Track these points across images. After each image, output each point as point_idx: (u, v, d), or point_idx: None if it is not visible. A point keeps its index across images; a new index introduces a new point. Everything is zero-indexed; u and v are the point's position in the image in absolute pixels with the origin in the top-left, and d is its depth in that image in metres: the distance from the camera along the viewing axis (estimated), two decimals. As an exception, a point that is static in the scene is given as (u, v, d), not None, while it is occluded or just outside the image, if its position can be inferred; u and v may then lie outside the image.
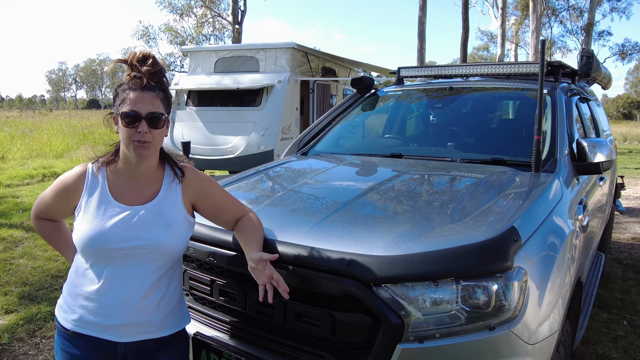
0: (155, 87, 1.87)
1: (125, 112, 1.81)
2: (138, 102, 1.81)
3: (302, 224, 2.19)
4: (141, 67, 1.86)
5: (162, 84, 1.90)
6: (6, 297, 4.80)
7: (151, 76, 1.86)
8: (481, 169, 2.96)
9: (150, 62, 1.87)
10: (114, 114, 1.89)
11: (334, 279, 1.85)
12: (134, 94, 1.82)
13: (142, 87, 1.83)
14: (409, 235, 1.98)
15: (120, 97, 1.85)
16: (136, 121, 1.81)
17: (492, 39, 48.02)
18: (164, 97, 1.89)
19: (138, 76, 1.85)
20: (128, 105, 1.81)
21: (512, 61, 5.60)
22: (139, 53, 1.89)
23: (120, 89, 1.88)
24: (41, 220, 2.13)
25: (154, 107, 1.84)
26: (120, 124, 1.83)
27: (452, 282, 1.82)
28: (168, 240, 1.89)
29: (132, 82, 1.85)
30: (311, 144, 3.93)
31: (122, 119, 1.82)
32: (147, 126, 1.82)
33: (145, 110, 1.82)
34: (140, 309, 1.87)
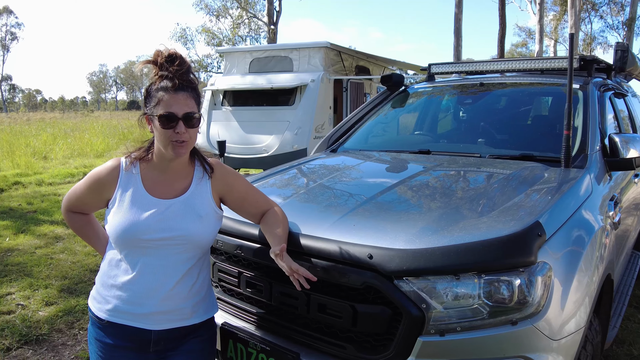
0: (187, 87, 1.92)
1: (162, 114, 1.87)
2: (173, 103, 1.87)
3: (326, 217, 2.23)
4: (169, 66, 1.91)
5: (192, 83, 1.96)
6: (47, 290, 4.99)
7: (181, 76, 1.91)
8: (510, 164, 2.94)
9: (178, 62, 1.92)
10: (147, 114, 1.95)
11: (355, 271, 1.89)
12: (168, 96, 1.88)
13: (175, 88, 1.89)
14: (432, 229, 1.99)
15: (154, 99, 1.91)
16: (173, 122, 1.87)
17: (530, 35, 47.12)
18: (195, 95, 1.95)
19: (168, 76, 1.90)
20: (164, 107, 1.87)
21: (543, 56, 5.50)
22: (164, 51, 1.95)
23: (152, 89, 1.94)
24: (72, 214, 2.21)
25: (189, 107, 1.90)
26: (157, 125, 1.89)
27: (474, 276, 1.83)
28: (199, 232, 1.96)
29: (163, 82, 1.91)
30: (340, 141, 3.97)
31: (159, 121, 1.88)
32: (184, 126, 1.88)
33: (182, 112, 1.88)
34: (172, 296, 1.95)
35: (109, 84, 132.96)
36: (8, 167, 13.39)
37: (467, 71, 4.11)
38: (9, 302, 4.69)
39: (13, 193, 10.48)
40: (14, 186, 11.13)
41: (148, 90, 1.96)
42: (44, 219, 7.96)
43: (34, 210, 8.72)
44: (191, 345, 2.05)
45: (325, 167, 3.33)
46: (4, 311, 4.48)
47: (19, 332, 4.07)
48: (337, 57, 11.17)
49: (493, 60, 4.07)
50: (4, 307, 4.55)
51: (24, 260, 5.87)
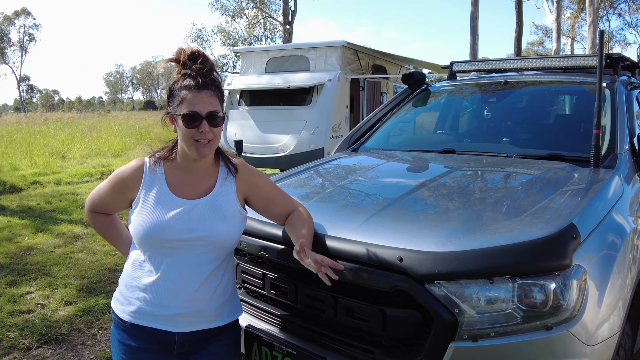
0: (210, 85, 1.89)
1: (185, 113, 1.84)
2: (197, 102, 1.84)
3: (352, 219, 2.18)
4: (192, 65, 1.88)
5: (215, 81, 1.93)
6: (66, 289, 5.00)
7: (204, 74, 1.88)
8: (538, 164, 2.87)
9: (201, 60, 1.89)
10: (170, 113, 1.93)
11: (384, 274, 1.84)
12: (191, 95, 1.85)
13: (199, 86, 1.86)
14: (463, 232, 1.94)
15: (177, 98, 1.88)
16: (197, 121, 1.84)
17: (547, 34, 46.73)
18: (218, 94, 1.92)
19: (192, 75, 1.87)
20: (187, 106, 1.84)
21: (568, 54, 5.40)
22: (187, 49, 1.92)
23: (175, 88, 1.91)
24: (96, 214, 2.19)
25: (213, 106, 1.87)
26: (181, 125, 1.86)
27: (508, 280, 1.77)
28: (223, 232, 1.92)
29: (186, 81, 1.88)
30: (361, 141, 3.92)
31: (182, 120, 1.85)
32: (208, 125, 1.85)
33: (205, 110, 1.85)
34: (196, 298, 1.92)
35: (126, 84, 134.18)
36: (27, 166, 13.51)
37: (490, 69, 4.03)
38: (29, 302, 4.71)
39: (32, 192, 10.58)
40: (33, 185, 11.23)
41: (171, 89, 1.93)
42: (62, 218, 8.01)
43: (52, 209, 8.78)
44: (215, 348, 2.02)
45: (348, 167, 3.28)
46: (23, 310, 4.50)
47: (39, 331, 4.08)
48: (354, 56, 11.12)
49: (517, 58, 3.99)
50: (23, 306, 4.57)
51: (43, 260, 5.90)
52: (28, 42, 71.39)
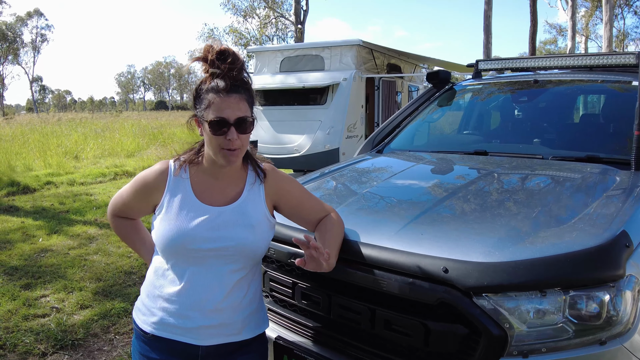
0: (240, 88, 1.78)
1: (212, 119, 1.73)
2: (225, 107, 1.73)
3: (388, 225, 2.05)
4: (221, 64, 1.76)
5: (245, 83, 1.81)
6: (81, 292, 4.93)
7: (233, 75, 1.76)
8: (576, 167, 2.74)
9: (231, 59, 1.77)
10: (197, 116, 1.81)
11: (428, 286, 1.71)
12: (219, 99, 1.73)
13: (227, 90, 1.74)
14: (510, 240, 1.81)
15: (204, 101, 1.77)
16: (224, 127, 1.73)
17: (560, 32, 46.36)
18: (248, 97, 1.80)
19: (220, 75, 1.75)
20: (214, 112, 1.73)
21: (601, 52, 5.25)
22: (215, 47, 1.79)
23: (202, 89, 1.79)
24: (118, 219, 2.10)
25: (242, 112, 1.75)
26: (207, 130, 1.76)
27: (560, 292, 1.65)
28: (251, 241, 1.82)
29: (214, 82, 1.76)
30: (386, 142, 3.79)
31: (209, 127, 1.74)
32: (236, 132, 1.74)
33: (234, 117, 1.73)
34: (222, 310, 1.81)
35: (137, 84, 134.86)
36: (40, 166, 13.51)
37: (518, 67, 3.89)
38: (44, 305, 4.65)
39: (45, 193, 10.56)
40: (46, 186, 11.22)
41: (197, 90, 1.81)
42: (76, 219, 7.96)
43: (66, 210, 8.74)
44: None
45: (376, 169, 3.15)
46: (38, 314, 4.44)
47: (54, 336, 4.01)
48: (369, 55, 10.99)
49: (545, 57, 3.84)
50: (38, 310, 4.51)
51: (58, 262, 5.85)
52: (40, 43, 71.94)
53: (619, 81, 3.44)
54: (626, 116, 2.92)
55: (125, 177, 13.08)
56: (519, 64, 3.93)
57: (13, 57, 69.11)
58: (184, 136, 20.00)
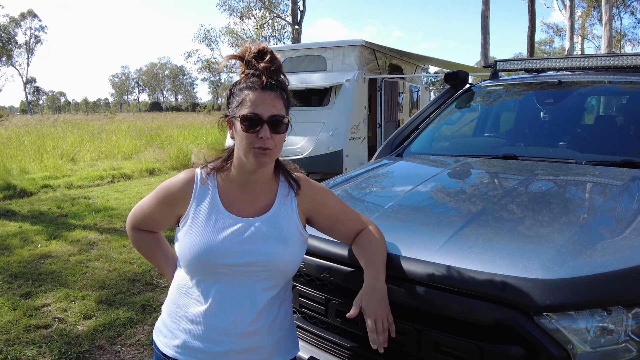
0: (277, 87, 1.66)
1: (245, 115, 1.61)
2: (259, 103, 1.61)
3: (431, 237, 1.92)
4: (258, 63, 1.65)
5: (282, 83, 1.70)
6: (84, 301, 4.77)
7: (270, 74, 1.65)
8: (614, 172, 2.61)
9: (268, 58, 1.66)
10: (229, 116, 1.70)
11: (483, 305, 1.57)
12: (253, 95, 1.62)
13: (263, 86, 1.63)
14: (567, 254, 1.68)
15: (238, 98, 1.66)
16: (257, 125, 1.61)
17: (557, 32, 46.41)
18: (284, 97, 1.69)
19: (256, 74, 1.64)
20: (248, 108, 1.62)
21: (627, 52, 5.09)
22: (254, 47, 1.68)
23: (236, 88, 1.68)
24: (139, 232, 1.95)
25: (277, 109, 1.64)
26: (239, 129, 1.63)
27: (622, 310, 1.53)
28: (283, 257, 1.68)
29: (249, 80, 1.65)
30: (405, 145, 3.64)
31: (241, 123, 1.62)
32: (269, 131, 1.62)
33: (268, 113, 1.62)
34: (252, 332, 1.66)
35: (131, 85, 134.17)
36: (37, 169, 13.32)
37: (541, 68, 3.76)
38: (46, 315, 4.49)
39: (42, 196, 10.38)
40: (43, 189, 11.04)
41: (231, 90, 1.70)
42: (75, 224, 7.79)
43: (64, 214, 8.57)
44: None
45: (401, 175, 3.01)
46: (40, 325, 4.28)
47: (58, 349, 3.85)
48: (372, 56, 10.86)
49: (567, 57, 3.72)
50: (40, 321, 4.34)
51: (58, 269, 5.69)
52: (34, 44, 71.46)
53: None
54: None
55: (124, 179, 12.91)
56: (539, 64, 3.80)
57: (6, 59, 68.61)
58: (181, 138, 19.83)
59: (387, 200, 2.42)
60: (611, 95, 3.48)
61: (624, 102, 3.45)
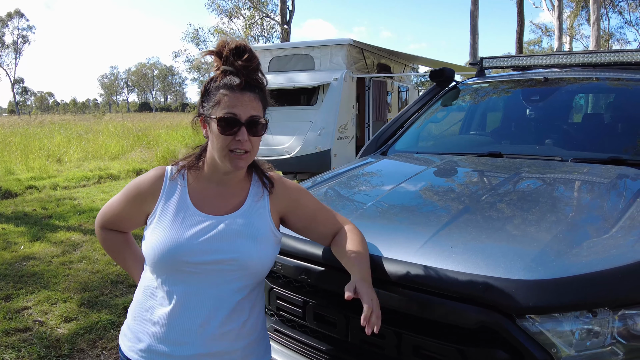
0: (254, 87, 1.60)
1: (222, 116, 1.54)
2: (237, 104, 1.55)
3: (412, 237, 1.85)
4: (235, 61, 1.58)
5: (260, 83, 1.63)
6: (65, 304, 4.67)
7: (249, 73, 1.58)
8: (602, 170, 2.56)
9: (247, 57, 1.58)
10: (203, 115, 1.62)
11: (464, 307, 1.51)
12: (231, 95, 1.55)
13: (242, 87, 1.56)
14: (552, 253, 1.62)
15: (214, 98, 1.58)
16: (235, 127, 1.54)
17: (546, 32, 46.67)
18: (262, 98, 1.62)
19: (233, 72, 1.57)
20: (225, 109, 1.55)
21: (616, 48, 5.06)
22: (231, 43, 1.60)
23: (212, 86, 1.60)
24: (107, 231, 1.87)
25: (255, 111, 1.57)
26: (215, 130, 1.56)
27: (609, 311, 1.47)
28: (254, 256, 1.60)
29: (226, 79, 1.58)
30: (389, 143, 3.59)
31: (217, 125, 1.55)
32: (247, 134, 1.55)
33: (246, 115, 1.55)
34: (221, 336, 1.59)
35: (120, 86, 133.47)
36: (22, 170, 13.15)
37: (527, 65, 3.71)
38: (26, 318, 4.38)
39: (27, 197, 10.23)
40: (28, 190, 10.88)
41: (206, 88, 1.62)
42: (59, 225, 7.67)
43: (49, 215, 8.44)
44: None
45: (384, 173, 2.95)
46: (20, 328, 4.17)
47: (37, 352, 3.75)
48: (360, 55, 10.80)
49: (555, 54, 3.68)
50: (20, 324, 4.24)
51: (41, 270, 5.58)
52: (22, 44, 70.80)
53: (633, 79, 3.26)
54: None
55: (110, 180, 12.77)
56: (526, 61, 3.76)
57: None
58: (169, 138, 19.70)
59: (368, 199, 2.36)
60: (598, 92, 3.44)
61: (611, 99, 3.41)
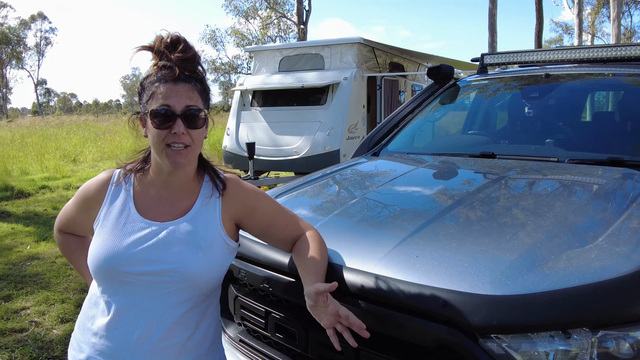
0: (191, 78, 1.50)
1: (155, 109, 1.44)
2: (171, 96, 1.45)
3: (378, 244, 1.70)
4: (170, 54, 1.49)
5: (197, 74, 1.53)
6: (63, 305, 4.66)
7: (184, 64, 1.48)
8: (599, 171, 2.39)
9: (182, 47, 1.50)
10: (140, 113, 1.53)
11: (423, 324, 1.37)
12: (164, 87, 1.46)
13: (175, 78, 1.46)
14: (526, 265, 1.46)
15: (148, 92, 1.49)
16: (170, 120, 1.44)
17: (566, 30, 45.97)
18: (201, 90, 1.52)
19: (168, 65, 1.48)
20: (159, 101, 1.45)
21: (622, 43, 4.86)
22: (166, 37, 1.52)
23: (146, 82, 1.51)
24: (63, 235, 1.81)
25: (191, 101, 1.47)
26: (150, 125, 1.47)
27: (587, 332, 1.32)
28: (197, 266, 1.48)
29: (160, 72, 1.48)
30: (383, 143, 3.44)
31: (151, 119, 1.45)
32: (184, 126, 1.45)
33: (181, 106, 1.45)
34: (160, 350, 1.48)
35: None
36: (37, 170, 13.28)
37: (527, 61, 3.54)
38: (23, 319, 4.37)
39: (39, 197, 10.30)
40: (41, 190, 10.97)
41: (142, 84, 1.53)
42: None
43: (58, 215, 8.45)
44: None
45: (368, 175, 2.81)
46: (16, 329, 4.17)
47: (30, 354, 3.74)
48: (371, 54, 10.64)
49: (559, 49, 3.49)
50: (17, 324, 4.24)
51: (43, 271, 5.58)
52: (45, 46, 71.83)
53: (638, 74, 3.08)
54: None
55: (123, 180, 12.80)
56: (528, 57, 3.59)
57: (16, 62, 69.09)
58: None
59: (344, 202, 2.22)
60: (601, 89, 3.26)
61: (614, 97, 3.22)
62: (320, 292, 1.42)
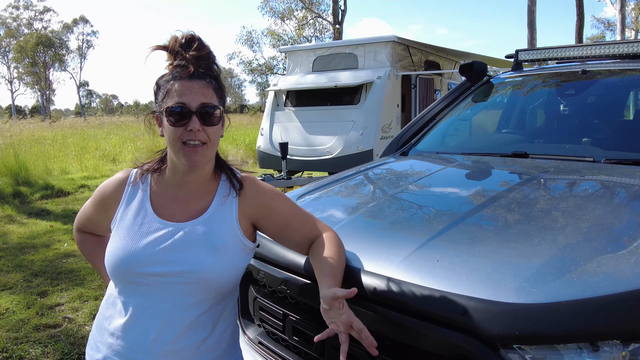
0: (206, 75, 1.48)
1: (170, 106, 1.43)
2: (186, 93, 1.44)
3: (398, 247, 1.64)
4: (185, 52, 1.48)
5: (212, 71, 1.51)
6: (96, 302, 4.77)
7: (198, 62, 1.48)
8: (636, 172, 2.26)
9: (196, 46, 1.49)
10: (156, 112, 1.52)
11: (442, 332, 1.30)
12: (179, 84, 1.45)
13: (190, 75, 1.45)
14: (553, 271, 1.38)
15: (163, 90, 1.48)
16: (185, 118, 1.43)
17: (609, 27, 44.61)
18: (216, 87, 1.50)
19: (182, 64, 1.47)
20: (174, 98, 1.43)
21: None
22: (181, 37, 1.51)
23: (162, 80, 1.50)
24: (82, 234, 1.82)
25: (207, 98, 1.45)
26: (166, 123, 1.45)
27: (618, 345, 1.23)
28: (212, 267, 1.46)
29: (175, 70, 1.48)
30: (412, 142, 3.36)
31: (167, 116, 1.44)
32: (199, 123, 1.43)
33: (196, 103, 1.43)
34: (173, 352, 1.46)
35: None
36: (76, 170, 13.59)
37: (564, 57, 3.40)
38: (57, 314, 4.47)
39: (78, 196, 10.54)
40: (80, 189, 11.22)
41: (158, 84, 1.52)
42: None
43: (96, 214, 8.63)
44: None
45: (395, 174, 2.74)
46: (50, 324, 4.27)
47: (62, 349, 3.81)
48: (405, 52, 10.51)
49: (596, 44, 3.34)
50: (50, 320, 4.34)
51: (78, 268, 5.70)
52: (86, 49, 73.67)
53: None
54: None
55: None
56: (564, 53, 3.45)
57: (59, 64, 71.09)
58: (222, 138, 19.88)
59: (368, 202, 2.17)
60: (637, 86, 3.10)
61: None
62: (338, 297, 1.37)
